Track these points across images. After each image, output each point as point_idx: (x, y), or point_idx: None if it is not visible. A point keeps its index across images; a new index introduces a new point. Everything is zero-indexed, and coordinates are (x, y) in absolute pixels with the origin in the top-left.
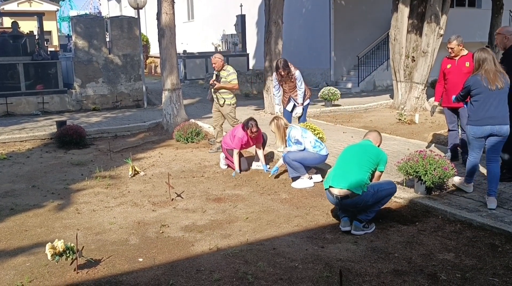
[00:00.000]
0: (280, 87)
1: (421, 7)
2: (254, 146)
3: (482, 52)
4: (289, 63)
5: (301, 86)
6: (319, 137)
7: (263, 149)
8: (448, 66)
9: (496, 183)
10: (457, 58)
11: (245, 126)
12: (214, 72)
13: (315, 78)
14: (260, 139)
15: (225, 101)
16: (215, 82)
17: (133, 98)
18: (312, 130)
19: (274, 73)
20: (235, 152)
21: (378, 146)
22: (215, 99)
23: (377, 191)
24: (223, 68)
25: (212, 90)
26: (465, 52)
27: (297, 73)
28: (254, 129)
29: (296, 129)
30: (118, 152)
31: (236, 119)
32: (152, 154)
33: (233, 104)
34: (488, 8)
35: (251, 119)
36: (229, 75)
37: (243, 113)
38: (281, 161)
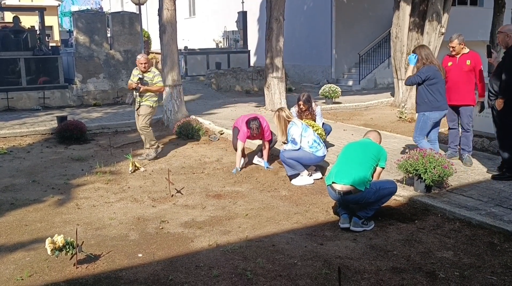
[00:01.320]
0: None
1: (423, 5)
2: (261, 140)
3: (425, 48)
4: (312, 99)
5: (317, 120)
6: (317, 133)
7: (269, 148)
8: (449, 64)
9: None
10: (458, 56)
11: (248, 124)
12: (137, 74)
13: (316, 75)
14: (267, 136)
15: (141, 104)
16: (140, 85)
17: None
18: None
19: (294, 108)
20: (239, 146)
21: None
22: (137, 103)
23: (379, 189)
24: (148, 70)
25: (136, 93)
26: (466, 50)
27: (318, 110)
28: (255, 133)
29: (297, 127)
30: (119, 147)
31: (147, 125)
32: None
33: (153, 107)
34: (490, 7)
35: (255, 119)
36: (155, 76)
37: (243, 109)
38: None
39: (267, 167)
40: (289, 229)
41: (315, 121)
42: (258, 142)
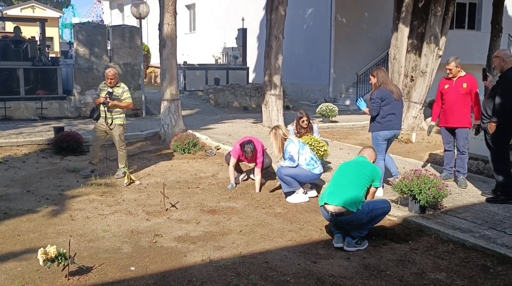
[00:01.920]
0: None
1: (421, 27)
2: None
3: (382, 71)
4: (312, 120)
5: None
6: (323, 151)
7: (261, 174)
8: (446, 86)
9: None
10: (454, 79)
11: (242, 146)
12: (106, 88)
13: (313, 94)
14: (259, 162)
15: (114, 121)
16: (108, 100)
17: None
18: (317, 142)
19: (291, 126)
20: (231, 162)
21: (373, 162)
22: (103, 119)
23: (372, 209)
24: (117, 85)
25: (103, 108)
26: (463, 73)
27: (315, 127)
28: (249, 156)
29: (294, 144)
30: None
31: (124, 143)
32: (148, 164)
33: (124, 125)
34: (487, 31)
35: (249, 143)
36: (124, 92)
37: (241, 126)
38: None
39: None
40: (283, 246)
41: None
42: None
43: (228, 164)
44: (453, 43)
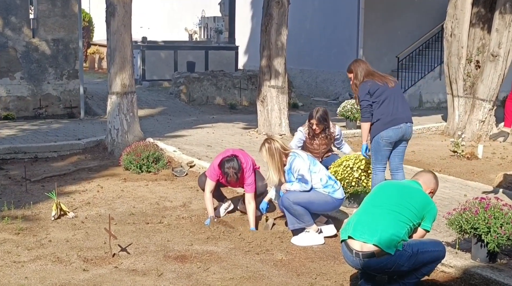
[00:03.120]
0: (305, 147)
1: None
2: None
3: (360, 63)
4: (328, 117)
5: (344, 149)
6: (366, 173)
7: (255, 207)
8: None
9: None
10: None
11: (221, 166)
12: None
13: (333, 86)
14: (248, 185)
15: None
16: None
17: (65, 104)
18: (358, 162)
19: (302, 128)
20: (207, 188)
21: (430, 194)
22: None
23: (417, 252)
24: None
25: None
26: None
27: (337, 130)
28: (232, 179)
29: (302, 159)
30: (38, 181)
31: None
32: (88, 187)
33: None
34: None
35: (231, 160)
36: None
37: (225, 132)
38: (272, 193)
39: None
40: None
41: (329, 149)
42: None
43: (203, 190)
44: None
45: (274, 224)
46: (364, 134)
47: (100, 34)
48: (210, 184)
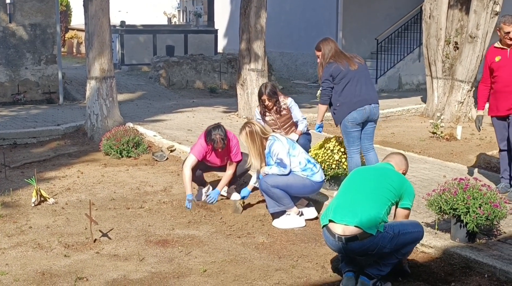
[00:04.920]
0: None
1: None
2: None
3: (329, 42)
4: (278, 91)
5: (300, 117)
6: (346, 155)
7: (234, 173)
8: (497, 59)
9: None
10: (509, 48)
11: (208, 137)
12: None
13: (313, 69)
14: (234, 155)
15: None
16: None
17: (44, 89)
18: (338, 144)
19: (256, 109)
20: (188, 163)
21: (403, 174)
22: None
23: (398, 234)
24: None
25: None
26: None
27: (289, 101)
28: (219, 145)
29: (280, 142)
30: (18, 168)
31: None
32: (68, 173)
33: None
34: None
35: (217, 127)
36: None
37: (206, 116)
38: (253, 179)
39: (210, 202)
40: None
41: (290, 119)
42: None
43: (184, 170)
44: None
45: (243, 206)
46: (320, 115)
47: (78, 18)
48: (192, 161)
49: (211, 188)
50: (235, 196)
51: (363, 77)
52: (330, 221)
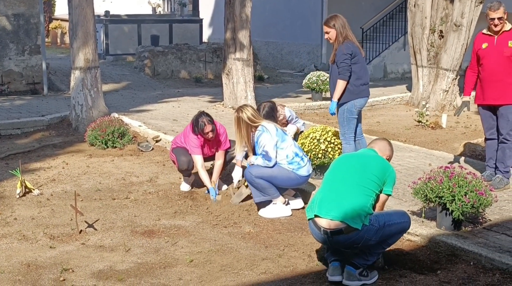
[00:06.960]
0: None
1: None
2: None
3: (340, 18)
4: (275, 110)
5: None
6: (333, 145)
7: (224, 163)
8: (484, 46)
9: None
10: (496, 35)
11: (195, 127)
12: None
13: (299, 58)
14: (223, 143)
15: None
16: None
17: (28, 80)
18: (325, 132)
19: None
20: (199, 163)
21: (387, 159)
22: None
23: (384, 225)
24: None
25: None
26: (508, 26)
27: (287, 112)
28: (208, 129)
29: (269, 134)
30: (2, 159)
31: None
32: (53, 164)
33: None
34: None
35: (201, 115)
36: None
37: (191, 106)
38: (239, 171)
39: (215, 199)
40: (255, 282)
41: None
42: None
43: (180, 167)
44: None
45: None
46: (339, 92)
47: (62, 8)
48: (200, 160)
49: (193, 177)
50: (224, 187)
51: (366, 67)
52: (316, 215)
